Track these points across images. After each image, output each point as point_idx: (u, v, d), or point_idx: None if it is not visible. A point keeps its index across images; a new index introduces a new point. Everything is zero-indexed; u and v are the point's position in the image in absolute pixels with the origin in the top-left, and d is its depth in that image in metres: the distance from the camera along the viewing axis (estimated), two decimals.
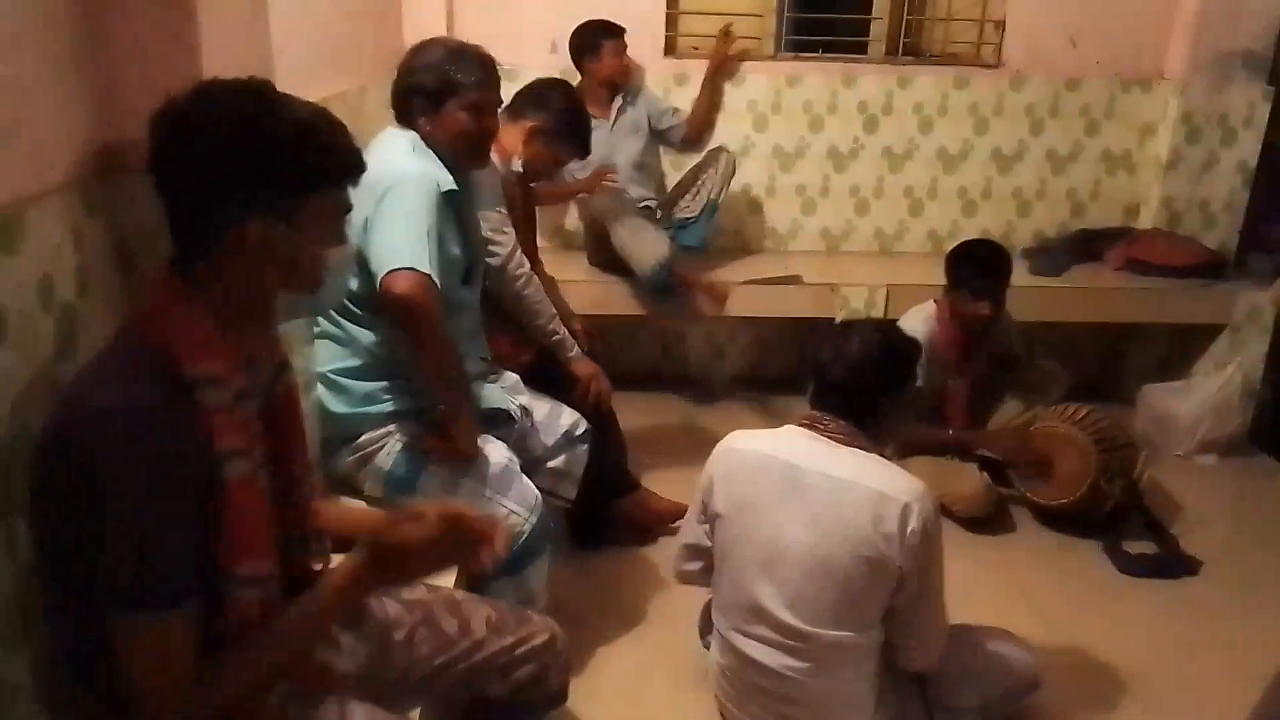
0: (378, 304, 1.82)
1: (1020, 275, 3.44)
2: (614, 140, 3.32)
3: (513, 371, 2.27)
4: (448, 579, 1.70)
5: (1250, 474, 3.25)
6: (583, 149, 2.49)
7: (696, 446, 1.90)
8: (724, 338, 3.81)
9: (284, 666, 1.11)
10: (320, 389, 1.97)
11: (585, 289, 3.22)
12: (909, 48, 3.68)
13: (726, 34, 3.43)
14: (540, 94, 2.43)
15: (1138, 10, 3.52)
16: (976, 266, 2.73)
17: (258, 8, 1.59)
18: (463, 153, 1.97)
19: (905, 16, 3.60)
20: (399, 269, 1.77)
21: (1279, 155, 3.56)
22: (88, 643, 1.01)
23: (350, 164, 1.10)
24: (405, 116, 1.96)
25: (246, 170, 1.02)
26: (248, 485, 1.05)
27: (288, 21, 2.05)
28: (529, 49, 3.41)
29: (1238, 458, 3.31)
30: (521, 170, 2.43)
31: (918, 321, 2.83)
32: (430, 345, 1.83)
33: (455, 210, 1.94)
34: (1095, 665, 2.29)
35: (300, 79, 2.08)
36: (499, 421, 2.08)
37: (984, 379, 2.98)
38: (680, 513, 2.27)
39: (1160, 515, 2.91)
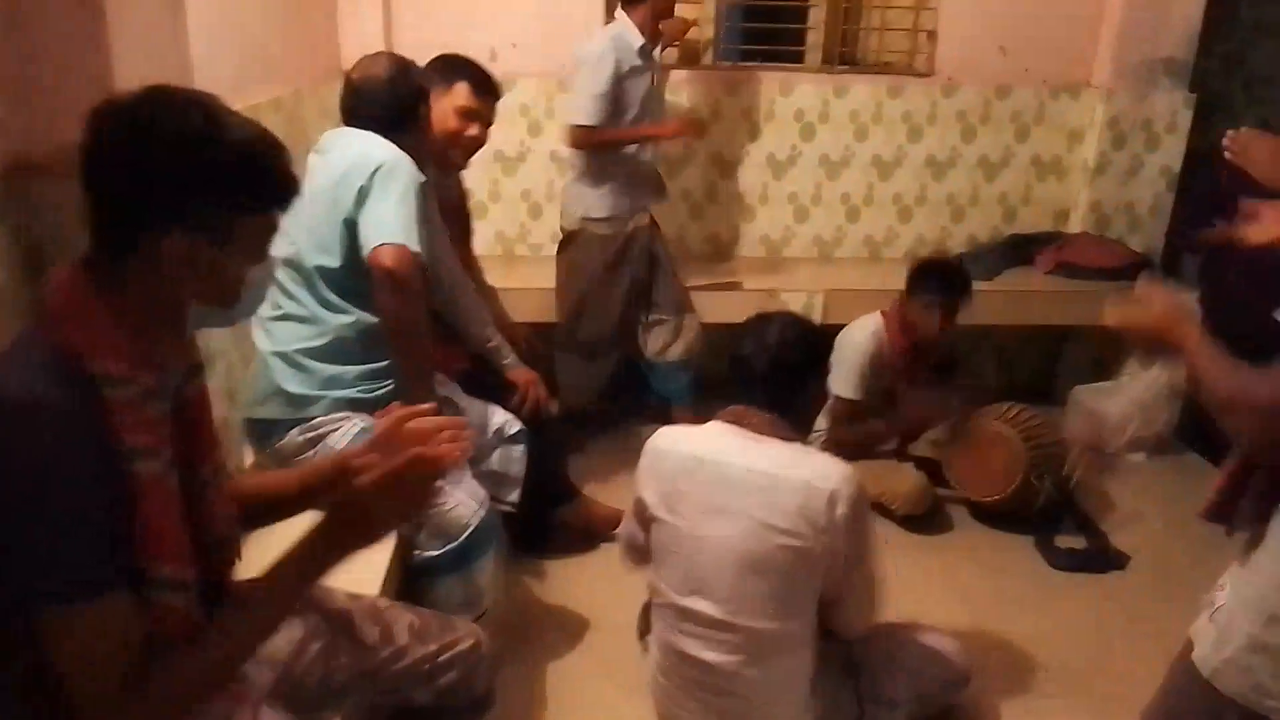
0: (366, 277, 1.84)
1: None
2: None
3: (448, 378, 2.27)
4: (373, 585, 1.70)
5: (1177, 471, 3.34)
6: (495, 95, 2.39)
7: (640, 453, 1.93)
8: None
9: (236, 664, 1.10)
10: (277, 367, 1.97)
11: (533, 297, 3.23)
12: (845, 57, 3.75)
13: (686, 25, 3.32)
14: (455, 66, 2.33)
15: (1065, 20, 3.62)
16: (936, 282, 2.81)
17: (174, 14, 1.58)
18: (424, 158, 2.01)
19: (841, 27, 3.67)
20: (391, 243, 1.81)
21: (1201, 160, 3.69)
22: (8, 645, 1.00)
23: (288, 188, 1.10)
24: (371, 124, 1.98)
25: (185, 183, 1.01)
26: (158, 484, 1.04)
27: (211, 29, 2.04)
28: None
29: (1166, 455, 3.40)
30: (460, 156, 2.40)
31: (865, 331, 2.90)
32: (410, 323, 1.88)
33: (421, 203, 1.96)
34: (1026, 658, 2.34)
35: (225, 85, 2.07)
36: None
37: (929, 384, 3.04)
38: (620, 519, 2.28)
39: (1091, 511, 2.99)
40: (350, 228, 1.87)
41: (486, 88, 2.34)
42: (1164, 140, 3.67)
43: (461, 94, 2.29)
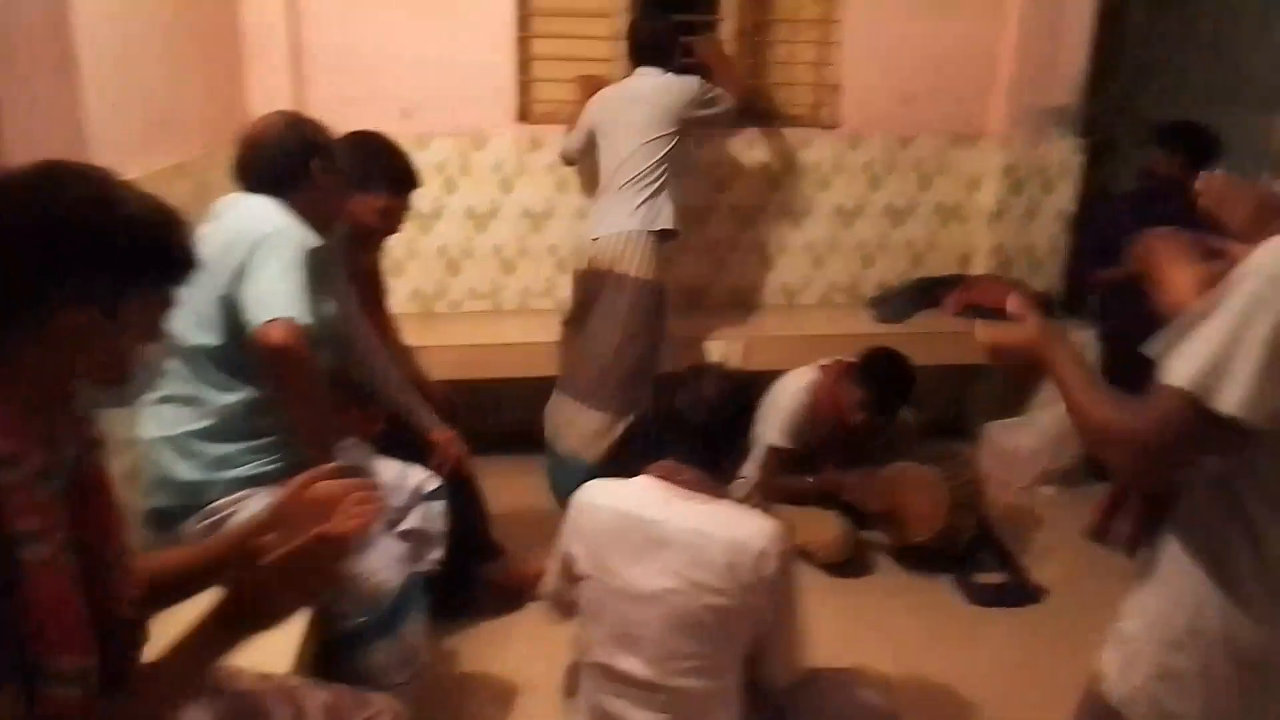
0: (253, 355, 1.78)
1: (867, 324, 3.63)
2: None
3: (365, 442, 2.23)
4: (284, 662, 1.64)
5: (1086, 502, 3.42)
6: (414, 187, 2.44)
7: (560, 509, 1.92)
8: None
9: None
10: (164, 454, 1.89)
11: (453, 354, 3.22)
12: (754, 110, 3.84)
13: (588, 80, 3.41)
14: (376, 164, 2.36)
15: (960, 72, 3.78)
16: (877, 391, 2.87)
17: (66, 78, 1.55)
18: (323, 217, 1.98)
19: (749, 82, 3.77)
20: (277, 318, 1.74)
21: (1093, 202, 3.88)
22: None
23: (185, 263, 1.09)
24: (262, 186, 1.94)
25: (79, 257, 0.99)
26: (49, 569, 0.99)
27: (108, 91, 2.00)
28: (380, 115, 3.38)
29: (1076, 487, 3.51)
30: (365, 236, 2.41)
31: (801, 383, 2.96)
32: (306, 398, 1.81)
33: (314, 270, 1.92)
34: (950, 695, 2.37)
35: (126, 150, 2.04)
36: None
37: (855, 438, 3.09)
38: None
39: (1007, 546, 3.06)
40: (227, 304, 1.80)
41: (407, 184, 2.38)
42: (1058, 185, 3.85)
43: (382, 197, 2.33)
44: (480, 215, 3.60)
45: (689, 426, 1.78)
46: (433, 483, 2.24)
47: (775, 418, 2.85)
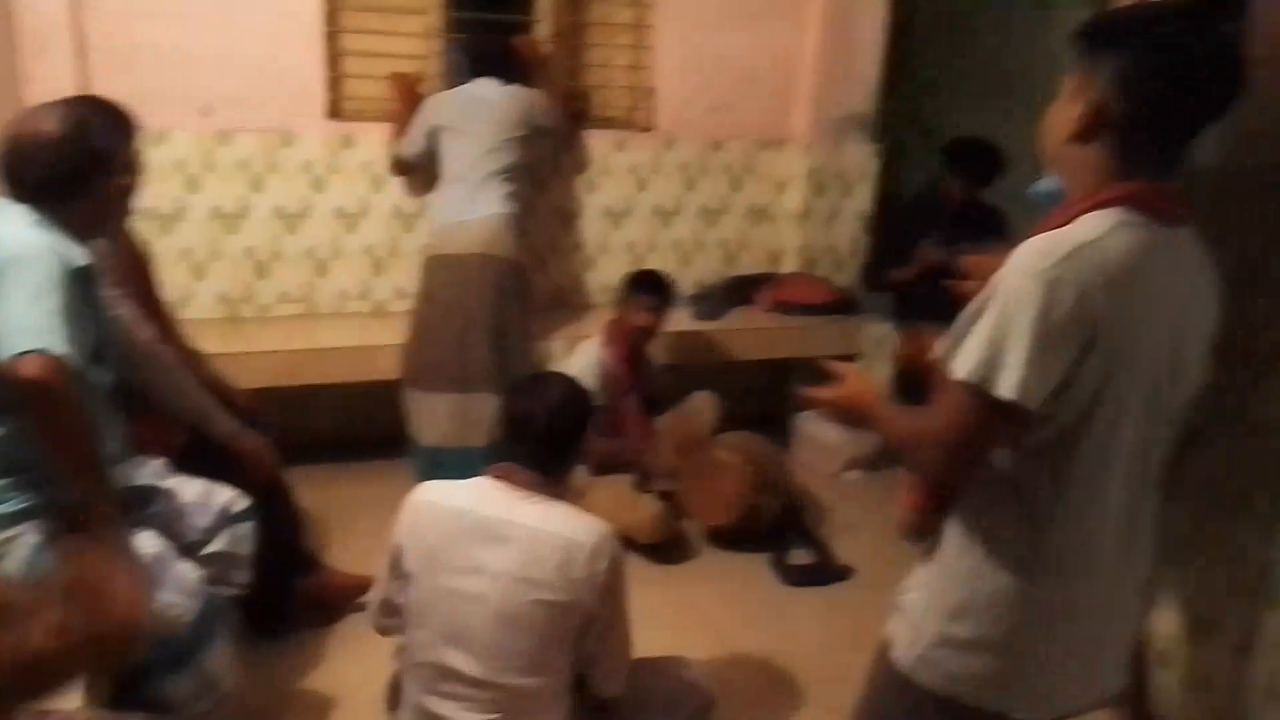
0: (4, 389, 1.63)
1: (686, 321, 3.75)
2: None
3: (165, 456, 2.11)
4: (72, 695, 1.54)
5: (888, 485, 3.70)
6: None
7: (385, 515, 1.86)
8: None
9: None
10: None
11: (264, 360, 3.09)
12: (573, 112, 3.88)
13: (402, 78, 3.38)
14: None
15: (765, 80, 3.96)
16: (647, 283, 3.20)
17: None
18: (98, 223, 1.83)
19: (567, 83, 3.81)
20: (28, 351, 1.60)
21: (889, 205, 4.16)
22: None
23: None
24: (31, 195, 1.76)
25: None
26: None
27: None
28: (178, 111, 3.22)
29: (878, 471, 3.76)
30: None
31: (588, 352, 3.18)
32: (67, 432, 1.66)
33: (84, 286, 1.79)
34: (766, 674, 2.50)
35: None
36: (146, 501, 1.92)
37: (650, 395, 3.35)
38: (366, 586, 2.21)
39: (816, 529, 3.25)
40: None
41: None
42: (856, 188, 4.10)
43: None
44: (290, 215, 3.47)
45: (530, 432, 1.81)
46: (241, 502, 2.13)
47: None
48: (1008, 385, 1.15)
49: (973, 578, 1.32)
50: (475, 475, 1.84)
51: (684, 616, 2.74)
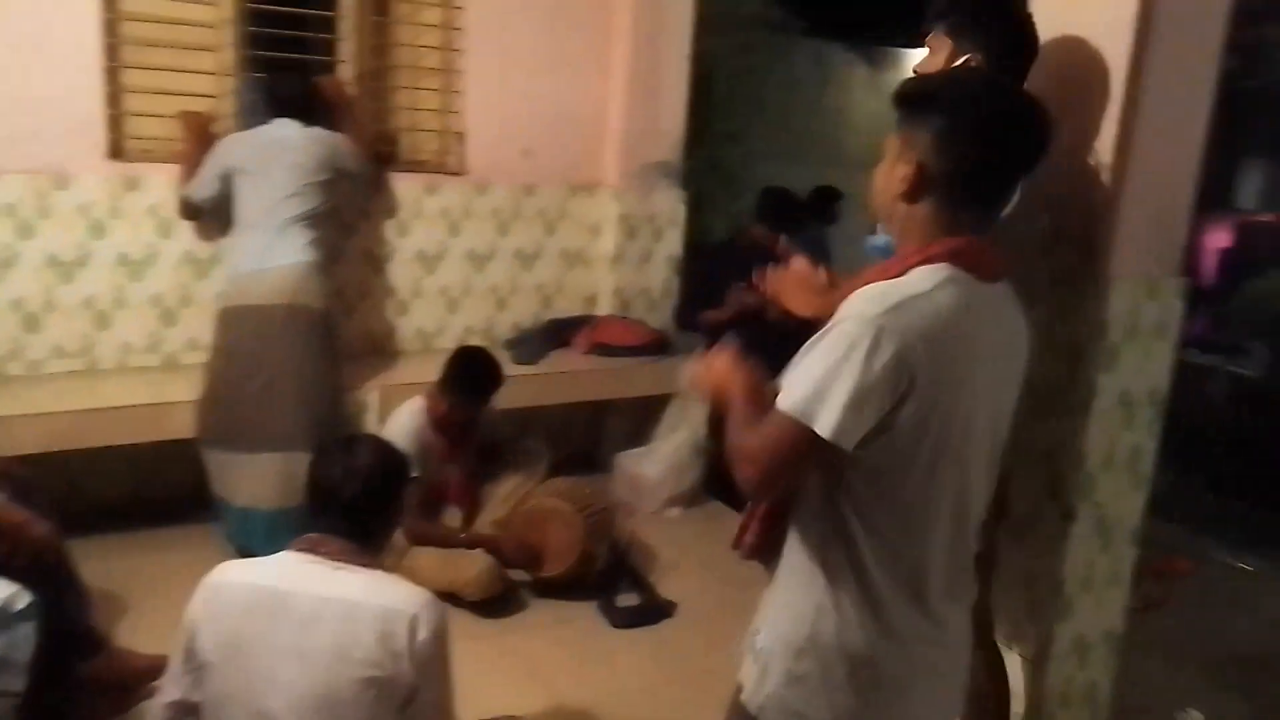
0: None
1: (504, 366, 3.71)
2: None
3: None
4: None
5: (706, 519, 3.80)
6: None
7: (182, 586, 1.70)
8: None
9: None
10: None
11: (35, 423, 2.81)
12: (380, 155, 3.79)
13: (193, 117, 3.21)
14: None
15: (575, 126, 4.03)
16: (467, 374, 3.04)
17: None
18: None
19: (374, 127, 3.71)
20: None
21: (696, 250, 4.31)
22: None
23: None
24: None
25: None
26: None
27: None
28: None
29: (697, 507, 3.85)
30: None
31: (407, 417, 3.01)
32: None
33: None
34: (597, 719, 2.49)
35: None
36: None
37: (476, 464, 3.22)
38: (162, 667, 2.01)
39: (641, 568, 3.28)
40: None
41: None
42: (666, 232, 4.23)
43: None
44: (65, 264, 3.18)
45: (338, 501, 1.70)
46: (22, 600, 1.91)
47: None
48: (825, 424, 1.21)
49: (815, 616, 1.36)
50: (289, 540, 1.73)
51: (515, 669, 2.68)
